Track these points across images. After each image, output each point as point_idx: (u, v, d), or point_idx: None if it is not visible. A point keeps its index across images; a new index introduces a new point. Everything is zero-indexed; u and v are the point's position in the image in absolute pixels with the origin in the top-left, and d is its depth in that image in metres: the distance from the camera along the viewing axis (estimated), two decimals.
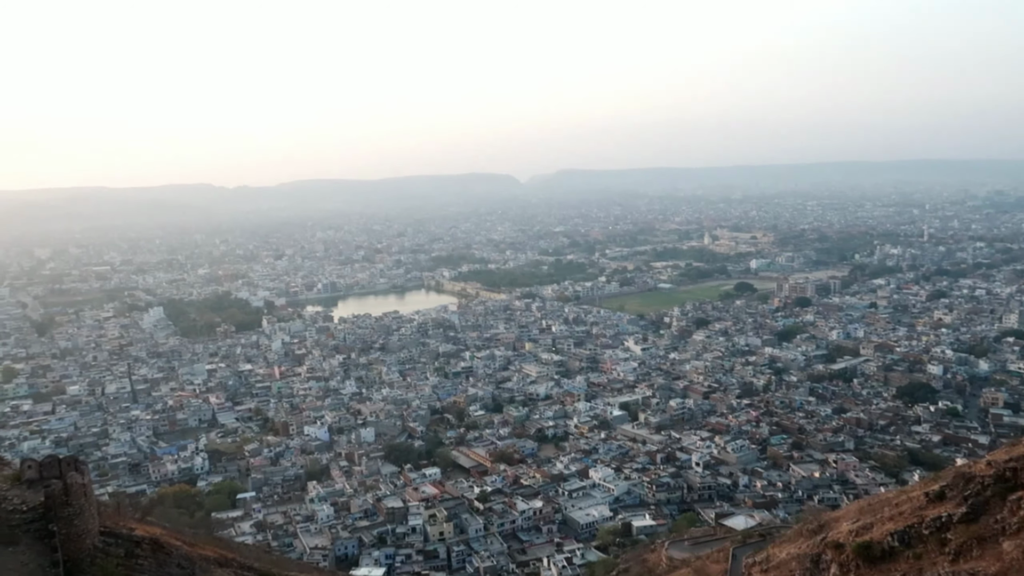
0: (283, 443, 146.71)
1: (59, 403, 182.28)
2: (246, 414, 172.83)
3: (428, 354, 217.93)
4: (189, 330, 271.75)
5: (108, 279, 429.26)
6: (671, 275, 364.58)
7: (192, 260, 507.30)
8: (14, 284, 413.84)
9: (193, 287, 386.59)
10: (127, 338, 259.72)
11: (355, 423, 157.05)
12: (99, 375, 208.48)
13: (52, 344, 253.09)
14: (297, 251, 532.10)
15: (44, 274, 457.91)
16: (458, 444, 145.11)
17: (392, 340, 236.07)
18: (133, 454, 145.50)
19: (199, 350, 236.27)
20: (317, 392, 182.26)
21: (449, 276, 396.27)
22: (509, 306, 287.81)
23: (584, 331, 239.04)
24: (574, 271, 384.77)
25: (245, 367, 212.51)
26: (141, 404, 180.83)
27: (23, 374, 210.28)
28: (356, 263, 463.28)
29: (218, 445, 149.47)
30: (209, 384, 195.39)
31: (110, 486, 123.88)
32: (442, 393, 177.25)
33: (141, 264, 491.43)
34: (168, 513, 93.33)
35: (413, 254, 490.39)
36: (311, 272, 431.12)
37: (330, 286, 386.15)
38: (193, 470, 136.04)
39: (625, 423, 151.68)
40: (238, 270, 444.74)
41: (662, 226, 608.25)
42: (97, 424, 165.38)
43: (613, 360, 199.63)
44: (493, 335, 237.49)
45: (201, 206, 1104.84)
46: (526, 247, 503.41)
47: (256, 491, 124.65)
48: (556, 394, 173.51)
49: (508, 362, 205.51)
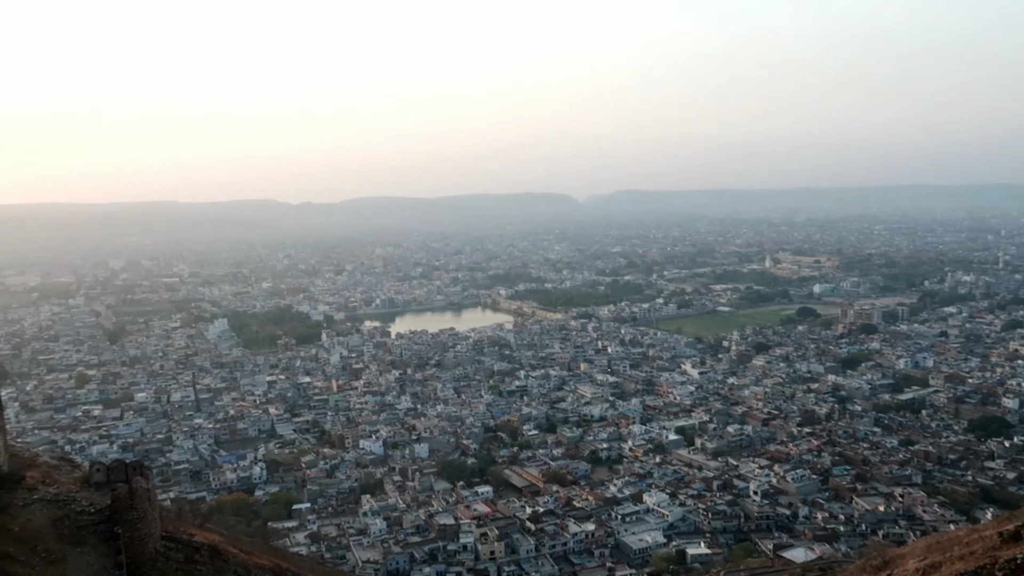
0: (339, 456, 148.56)
1: (127, 409, 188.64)
2: (304, 426, 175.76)
3: (483, 372, 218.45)
4: (251, 342, 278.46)
5: (177, 290, 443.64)
6: (730, 298, 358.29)
7: (256, 274, 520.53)
8: (89, 293, 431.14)
9: (256, 300, 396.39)
10: (192, 348, 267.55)
11: (409, 438, 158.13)
12: (165, 383, 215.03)
13: (123, 352, 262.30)
14: (357, 267, 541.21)
15: (117, 284, 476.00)
16: (511, 463, 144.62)
17: (448, 357, 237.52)
18: (195, 461, 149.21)
19: (260, 362, 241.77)
20: (373, 406, 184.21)
21: (505, 294, 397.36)
22: (565, 326, 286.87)
23: (640, 353, 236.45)
24: (631, 292, 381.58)
25: (304, 379, 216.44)
26: (204, 413, 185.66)
27: (95, 380, 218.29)
28: (414, 279, 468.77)
29: (276, 455, 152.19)
30: (269, 395, 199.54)
31: (172, 492, 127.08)
32: (496, 411, 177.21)
33: (208, 276, 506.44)
34: (226, 520, 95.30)
35: (470, 272, 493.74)
36: (370, 287, 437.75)
37: (388, 302, 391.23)
38: (251, 479, 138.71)
39: (681, 448, 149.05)
40: (300, 284, 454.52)
41: (722, 248, 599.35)
42: (162, 431, 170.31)
43: (669, 383, 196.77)
44: (548, 354, 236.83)
45: (266, 221, 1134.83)
46: (583, 267, 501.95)
47: (311, 502, 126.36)
48: (611, 416, 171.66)
49: (563, 382, 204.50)
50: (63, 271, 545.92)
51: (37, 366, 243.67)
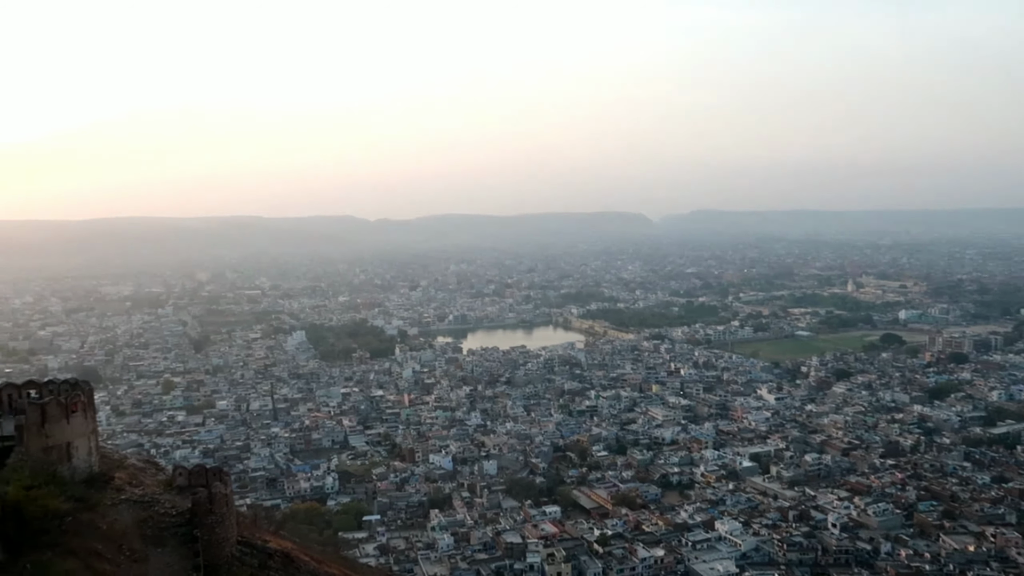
0: (409, 469, 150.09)
1: (209, 416, 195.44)
2: (375, 438, 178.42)
3: (553, 390, 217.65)
4: (327, 354, 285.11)
5: (258, 302, 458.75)
6: (810, 322, 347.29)
7: (334, 288, 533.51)
8: (177, 303, 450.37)
9: (333, 313, 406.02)
10: (271, 359, 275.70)
11: (479, 455, 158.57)
12: (245, 392, 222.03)
13: (206, 360, 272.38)
14: (431, 283, 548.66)
15: (203, 295, 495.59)
16: (579, 484, 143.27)
17: (518, 374, 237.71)
18: (271, 469, 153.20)
19: (335, 374, 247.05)
20: (443, 421, 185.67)
21: (577, 313, 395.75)
22: (637, 346, 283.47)
23: (714, 376, 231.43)
24: (705, 314, 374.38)
25: (377, 392, 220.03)
26: (281, 422, 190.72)
27: (180, 387, 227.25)
28: (486, 297, 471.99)
29: (348, 467, 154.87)
30: (343, 407, 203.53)
31: (248, 498, 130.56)
32: (565, 431, 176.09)
33: (288, 290, 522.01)
34: (299, 528, 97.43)
35: (542, 290, 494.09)
36: (443, 304, 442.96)
37: (461, 318, 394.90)
38: (324, 489, 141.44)
39: (755, 475, 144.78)
40: (375, 299, 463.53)
41: (801, 271, 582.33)
42: (240, 438, 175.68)
43: (744, 408, 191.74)
44: (619, 375, 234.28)
45: (344, 237, 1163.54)
46: (656, 287, 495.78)
47: (381, 514, 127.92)
48: (683, 440, 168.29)
49: (634, 403, 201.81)
50: (154, 282, 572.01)
51: (128, 372, 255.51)
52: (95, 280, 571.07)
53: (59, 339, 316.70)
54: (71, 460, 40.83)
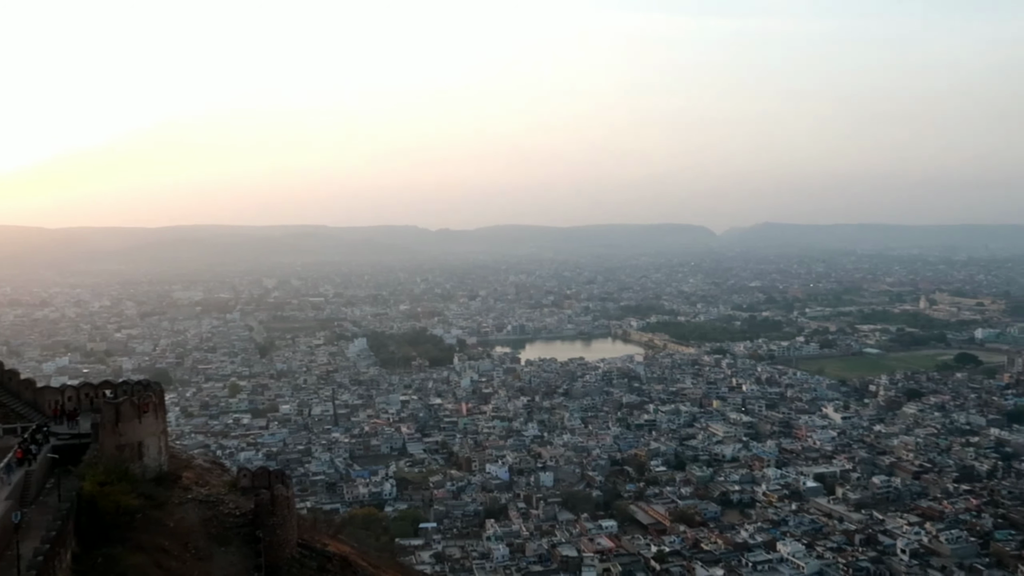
0: (465, 478, 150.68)
1: (272, 420, 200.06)
2: (433, 446, 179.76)
3: (611, 403, 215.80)
4: (388, 361, 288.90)
5: (322, 309, 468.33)
6: (879, 339, 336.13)
7: (395, 296, 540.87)
8: (244, 309, 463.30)
9: (394, 321, 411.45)
10: (333, 365, 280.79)
11: (535, 466, 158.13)
12: (307, 397, 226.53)
13: (271, 365, 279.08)
14: (490, 293, 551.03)
15: (269, 302, 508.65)
16: (637, 499, 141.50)
17: (576, 386, 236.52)
18: (331, 474, 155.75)
19: (395, 381, 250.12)
20: (500, 431, 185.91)
21: (637, 326, 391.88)
22: (697, 360, 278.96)
23: (777, 393, 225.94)
24: (769, 329, 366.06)
25: (435, 401, 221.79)
26: (341, 427, 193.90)
27: (245, 391, 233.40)
28: (545, 307, 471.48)
29: (405, 474, 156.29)
30: (402, 414, 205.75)
31: (309, 501, 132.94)
32: (623, 444, 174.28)
33: (350, 297, 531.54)
34: (357, 533, 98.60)
35: (601, 302, 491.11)
36: (502, 314, 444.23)
37: (519, 328, 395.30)
38: (382, 495, 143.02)
39: (820, 496, 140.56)
40: (435, 308, 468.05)
41: (871, 286, 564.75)
42: (302, 442, 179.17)
43: (809, 427, 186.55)
44: (679, 389, 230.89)
45: (406, 246, 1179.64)
46: (718, 301, 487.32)
47: (437, 522, 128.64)
48: (744, 457, 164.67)
49: (693, 418, 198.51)
50: (223, 288, 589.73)
51: (196, 374, 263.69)
52: (168, 285, 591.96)
53: (133, 341, 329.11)
54: (142, 458, 42.28)
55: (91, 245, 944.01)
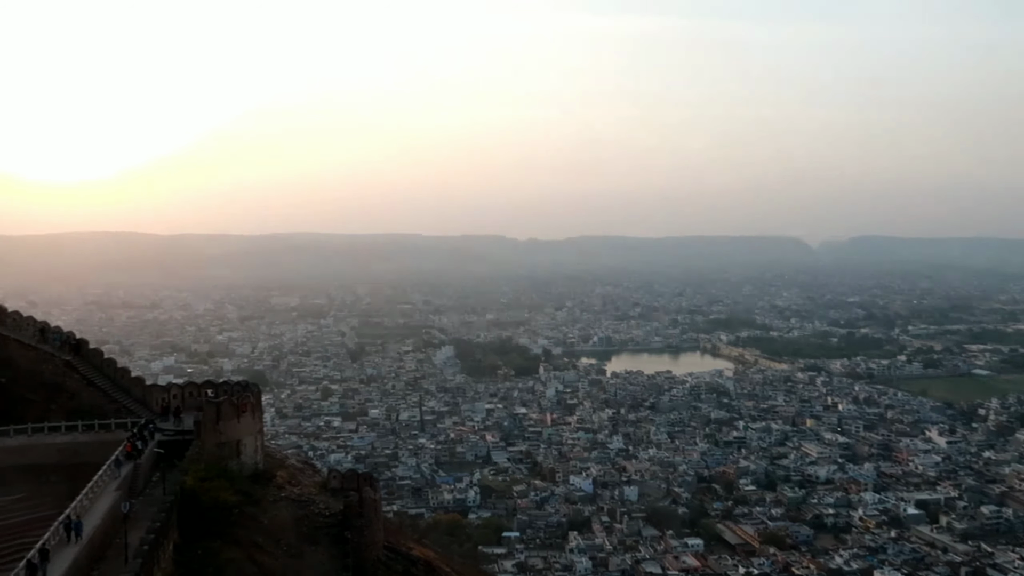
0: (549, 489, 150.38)
1: (362, 423, 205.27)
2: (517, 455, 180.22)
3: (699, 418, 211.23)
4: (474, 370, 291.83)
5: (411, 317, 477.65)
6: (990, 360, 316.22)
7: (482, 305, 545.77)
8: (338, 315, 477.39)
9: (481, 330, 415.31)
10: (421, 371, 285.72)
11: (619, 479, 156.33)
12: (395, 402, 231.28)
13: (361, 370, 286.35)
14: (576, 304, 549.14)
15: (361, 308, 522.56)
16: (724, 517, 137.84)
17: (663, 400, 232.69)
18: (416, 479, 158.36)
19: (481, 389, 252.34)
20: (585, 443, 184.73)
21: (726, 340, 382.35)
22: (791, 377, 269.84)
23: (877, 414, 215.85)
24: (868, 346, 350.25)
25: (520, 410, 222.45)
26: (427, 433, 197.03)
27: (337, 394, 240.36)
28: (632, 319, 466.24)
29: (489, 482, 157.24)
30: (487, 422, 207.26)
31: (395, 505, 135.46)
32: (711, 461, 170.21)
33: (439, 305, 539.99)
34: (440, 539, 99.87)
35: (690, 315, 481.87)
36: (588, 325, 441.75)
37: (605, 340, 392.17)
38: (466, 502, 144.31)
39: (922, 524, 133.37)
40: (521, 318, 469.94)
41: (981, 304, 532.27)
42: (390, 447, 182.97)
43: (910, 450, 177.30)
44: (771, 406, 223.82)
45: (494, 256, 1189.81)
46: (813, 316, 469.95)
47: (520, 532, 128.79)
48: (839, 479, 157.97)
49: (786, 437, 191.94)
50: (318, 294, 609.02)
51: (291, 377, 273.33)
52: (267, 290, 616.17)
53: (234, 344, 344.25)
54: (240, 456, 44.13)
55: (198, 251, 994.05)
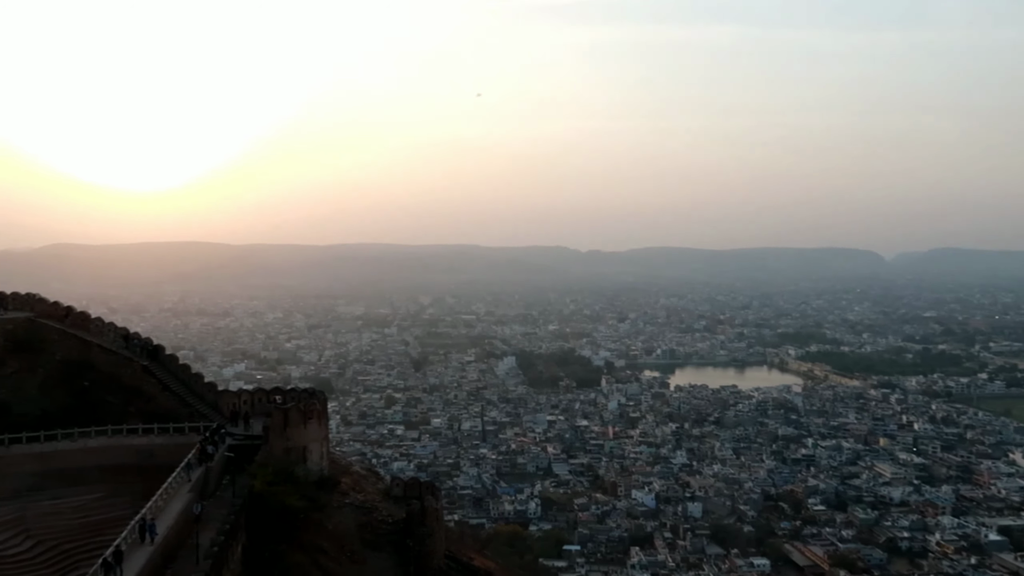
0: (611, 503, 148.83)
1: (424, 432, 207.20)
2: (578, 468, 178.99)
3: (765, 435, 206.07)
4: (535, 381, 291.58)
5: (473, 327, 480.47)
6: None
7: (544, 316, 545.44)
8: (401, 324, 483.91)
9: (543, 341, 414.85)
10: (483, 382, 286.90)
11: (683, 495, 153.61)
12: (457, 412, 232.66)
13: (424, 379, 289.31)
14: (640, 315, 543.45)
15: (424, 318, 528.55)
16: (792, 537, 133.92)
17: (728, 415, 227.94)
18: (478, 489, 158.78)
19: (542, 400, 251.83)
20: (647, 457, 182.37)
21: (795, 355, 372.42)
22: (863, 394, 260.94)
23: (955, 434, 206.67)
24: (946, 363, 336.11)
25: (582, 422, 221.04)
26: (489, 444, 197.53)
27: (400, 403, 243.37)
28: (696, 332, 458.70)
29: (550, 494, 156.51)
30: (548, 434, 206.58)
31: (456, 514, 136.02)
32: (778, 479, 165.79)
33: (501, 316, 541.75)
34: (501, 550, 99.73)
35: (757, 328, 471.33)
36: (651, 337, 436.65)
37: (669, 353, 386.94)
38: (527, 513, 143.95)
39: (1005, 551, 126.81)
40: (583, 329, 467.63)
41: None
42: (451, 456, 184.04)
43: (992, 473, 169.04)
44: (841, 424, 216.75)
45: (556, 267, 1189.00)
46: (887, 331, 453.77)
47: (581, 545, 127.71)
48: (914, 502, 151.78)
49: (857, 456, 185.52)
50: (382, 303, 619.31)
51: (356, 385, 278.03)
52: (333, 299, 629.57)
53: (301, 351, 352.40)
54: (306, 462, 44.95)
55: (268, 261, 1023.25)
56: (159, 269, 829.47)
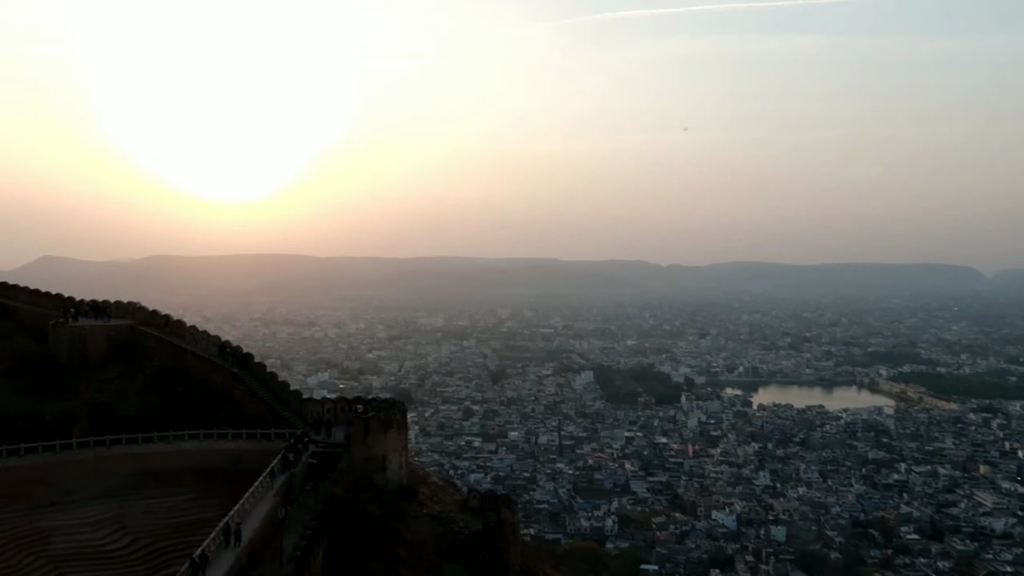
0: (690, 523, 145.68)
1: (501, 445, 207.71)
2: (657, 486, 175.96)
3: (854, 458, 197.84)
4: (613, 396, 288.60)
5: (551, 341, 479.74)
6: None
7: (622, 331, 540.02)
8: (480, 337, 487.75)
9: (621, 356, 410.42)
10: (560, 396, 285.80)
11: (766, 518, 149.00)
12: (534, 425, 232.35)
13: (502, 392, 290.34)
14: (721, 331, 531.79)
15: (502, 331, 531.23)
16: (882, 567, 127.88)
17: (814, 436, 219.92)
18: (554, 503, 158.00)
19: (620, 416, 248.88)
20: (728, 477, 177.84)
21: (886, 375, 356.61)
22: (961, 418, 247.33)
23: None
24: None
25: (660, 439, 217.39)
26: (565, 458, 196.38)
27: (477, 415, 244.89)
28: (781, 350, 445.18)
29: (628, 511, 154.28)
30: (626, 450, 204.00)
31: (532, 529, 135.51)
32: (868, 505, 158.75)
33: (579, 330, 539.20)
34: (577, 566, 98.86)
35: (845, 346, 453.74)
36: (733, 354, 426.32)
37: (751, 370, 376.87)
38: (603, 530, 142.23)
39: None
40: (663, 344, 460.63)
41: None
42: (528, 469, 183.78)
43: None
44: (937, 449, 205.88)
45: (635, 281, 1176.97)
46: (988, 352, 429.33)
47: (659, 565, 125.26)
48: (1019, 534, 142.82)
49: (955, 483, 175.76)
50: (461, 316, 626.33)
51: (434, 396, 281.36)
52: (413, 311, 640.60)
53: (382, 362, 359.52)
54: (385, 471, 45.70)
55: (352, 273, 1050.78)
56: (249, 280, 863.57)
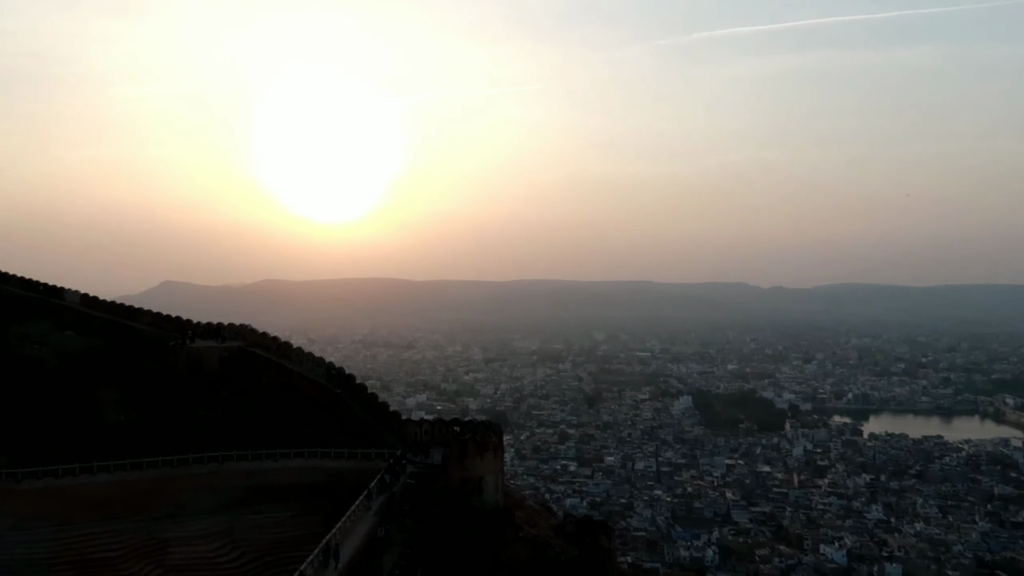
0: (796, 556, 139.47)
1: (597, 469, 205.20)
2: (760, 516, 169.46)
3: (978, 493, 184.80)
4: (713, 422, 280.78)
5: (647, 364, 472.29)
6: None
7: (722, 355, 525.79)
8: (575, 360, 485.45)
9: (720, 381, 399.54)
10: (657, 421, 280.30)
11: (879, 554, 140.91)
12: (631, 451, 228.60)
13: (597, 416, 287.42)
14: (828, 356, 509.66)
15: (598, 354, 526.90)
16: None
17: (932, 469, 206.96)
18: (652, 531, 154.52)
19: (720, 443, 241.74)
20: (837, 510, 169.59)
21: (1013, 404, 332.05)
22: None
23: None
24: None
25: (763, 468, 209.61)
26: (664, 485, 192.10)
27: (573, 439, 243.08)
28: (894, 376, 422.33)
29: (729, 542, 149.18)
30: (727, 479, 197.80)
31: (629, 557, 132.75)
32: (994, 544, 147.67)
33: (676, 354, 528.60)
34: None
35: (966, 373, 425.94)
36: (841, 380, 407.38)
37: (861, 397, 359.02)
38: (704, 561, 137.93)
39: None
40: (765, 369, 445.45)
41: None
42: (625, 496, 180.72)
43: None
44: None
45: (735, 304, 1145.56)
46: None
47: None
48: None
49: None
50: (556, 338, 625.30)
51: (530, 419, 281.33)
52: (509, 334, 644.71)
53: (478, 384, 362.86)
54: (481, 493, 45.87)
55: (449, 296, 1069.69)
56: (351, 303, 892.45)
